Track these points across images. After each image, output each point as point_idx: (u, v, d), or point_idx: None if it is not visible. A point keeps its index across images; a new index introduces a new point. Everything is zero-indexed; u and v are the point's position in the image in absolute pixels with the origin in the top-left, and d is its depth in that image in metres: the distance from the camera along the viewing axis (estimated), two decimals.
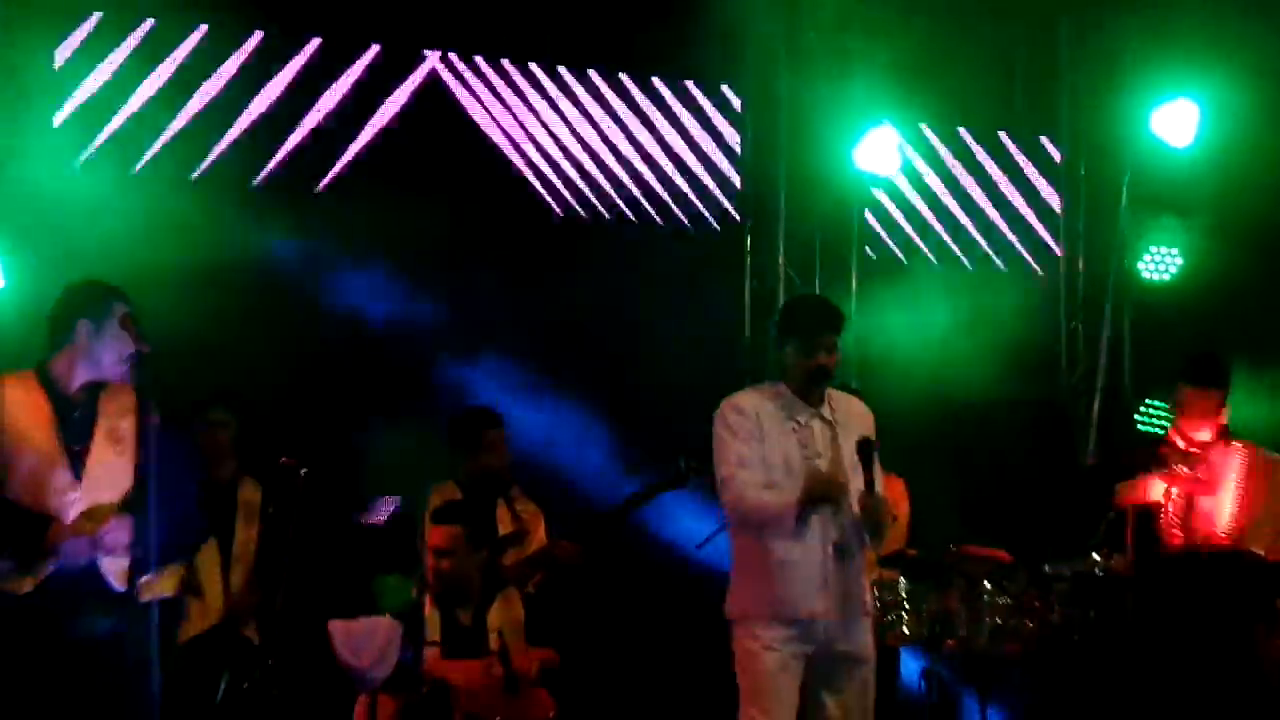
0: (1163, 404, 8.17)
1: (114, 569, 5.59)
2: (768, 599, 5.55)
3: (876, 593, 6.92)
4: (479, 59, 8.41)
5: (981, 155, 9.29)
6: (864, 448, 5.47)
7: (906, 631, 7.00)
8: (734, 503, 5.57)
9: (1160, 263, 9.16)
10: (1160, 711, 6.34)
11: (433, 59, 8.40)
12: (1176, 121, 8.83)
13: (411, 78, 8.32)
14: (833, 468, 5.52)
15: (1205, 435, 6.68)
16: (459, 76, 8.43)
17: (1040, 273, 9.36)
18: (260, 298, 7.80)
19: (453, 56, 8.39)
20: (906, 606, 6.99)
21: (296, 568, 6.85)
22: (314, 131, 8.23)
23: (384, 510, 7.56)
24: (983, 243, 9.11)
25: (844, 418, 5.65)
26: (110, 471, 5.63)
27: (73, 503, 5.60)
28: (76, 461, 5.64)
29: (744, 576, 5.66)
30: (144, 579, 5.46)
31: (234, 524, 7.04)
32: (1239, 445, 6.64)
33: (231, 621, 6.93)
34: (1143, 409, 8.83)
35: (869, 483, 5.46)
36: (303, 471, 6.67)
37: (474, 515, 6.64)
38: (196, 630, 6.87)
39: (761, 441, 5.57)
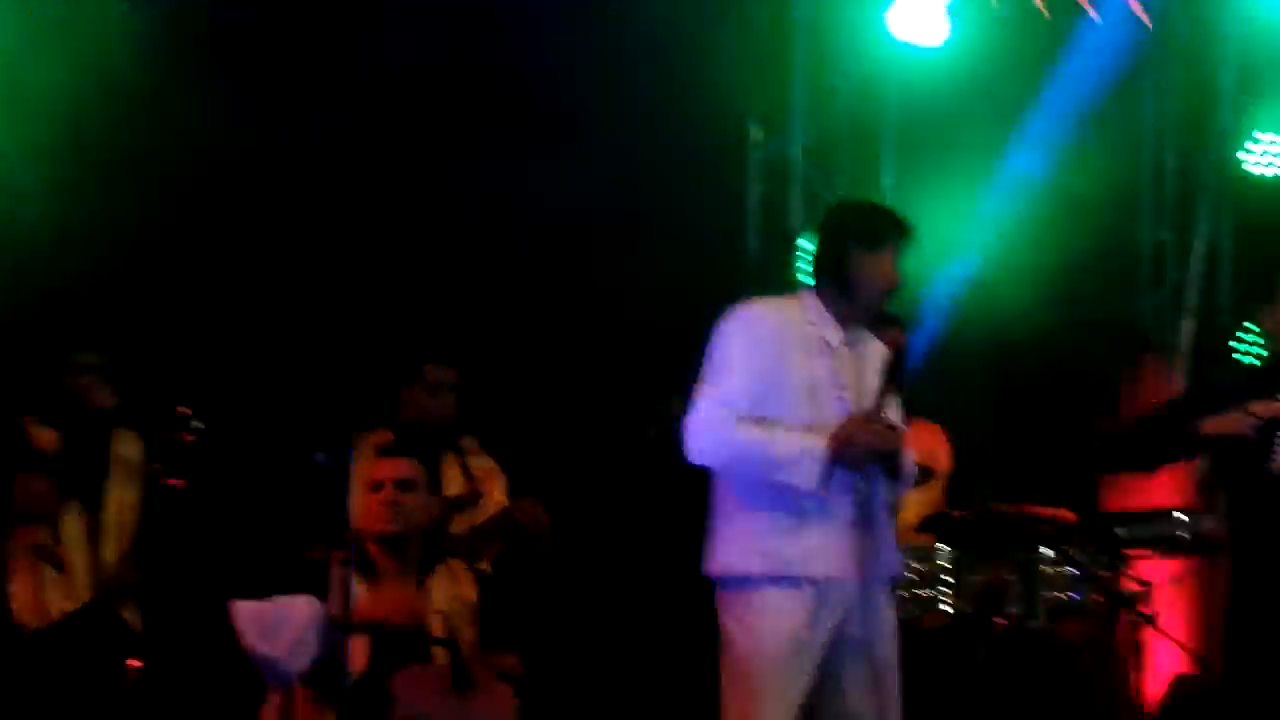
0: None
1: None
2: (780, 555, 5.31)
3: (912, 563, 6.96)
4: None
5: (1049, 17, 8.83)
6: (894, 361, 5.37)
7: (947, 609, 6.97)
8: (713, 439, 5.32)
9: (1270, 154, 8.99)
10: (1252, 690, 6.06)
11: None
12: None
13: None
14: (862, 400, 5.36)
15: None
16: None
17: (1120, 166, 9.09)
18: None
19: None
20: (947, 579, 6.99)
21: (190, 538, 6.83)
22: None
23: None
24: (1046, 129, 8.77)
25: (869, 346, 5.50)
26: None
27: None
28: None
29: (743, 523, 5.40)
30: None
31: (103, 484, 6.87)
32: None
33: (104, 601, 6.78)
34: (1243, 335, 8.70)
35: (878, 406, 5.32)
36: (194, 424, 6.67)
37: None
38: (58, 612, 6.72)
39: (777, 368, 5.37)
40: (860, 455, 5.28)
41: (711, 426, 5.33)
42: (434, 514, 6.37)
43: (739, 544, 5.37)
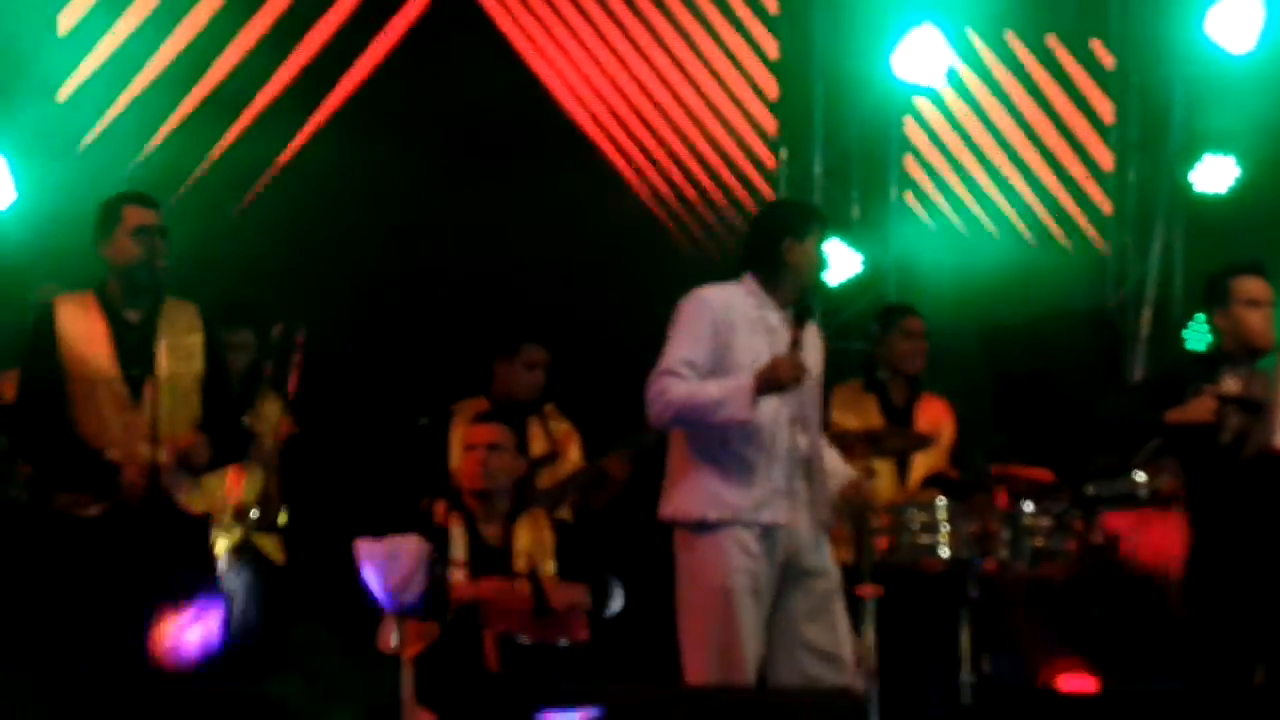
0: (1210, 319, 7.75)
1: (178, 488, 5.68)
2: (730, 503, 5.38)
3: (915, 513, 6.86)
4: None
5: (1030, 61, 9.17)
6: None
7: (945, 555, 6.84)
8: (662, 399, 5.33)
9: (1215, 174, 9.06)
10: (1208, 620, 6.08)
11: None
12: (1235, 22, 8.68)
13: None
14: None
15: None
16: None
17: (1092, 184, 9.31)
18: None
19: None
20: (945, 528, 6.83)
21: (320, 487, 7.02)
22: None
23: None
24: (1031, 153, 9.06)
25: (806, 325, 5.54)
26: (176, 390, 5.68)
27: (132, 427, 5.63)
28: (135, 385, 5.66)
29: (698, 475, 5.42)
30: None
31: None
32: None
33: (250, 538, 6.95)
34: (1192, 325, 8.86)
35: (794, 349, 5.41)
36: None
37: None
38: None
39: (728, 341, 5.41)
40: (780, 383, 5.28)
41: (660, 392, 5.33)
42: (519, 472, 6.41)
43: (694, 493, 5.38)
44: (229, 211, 7.77)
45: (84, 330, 5.67)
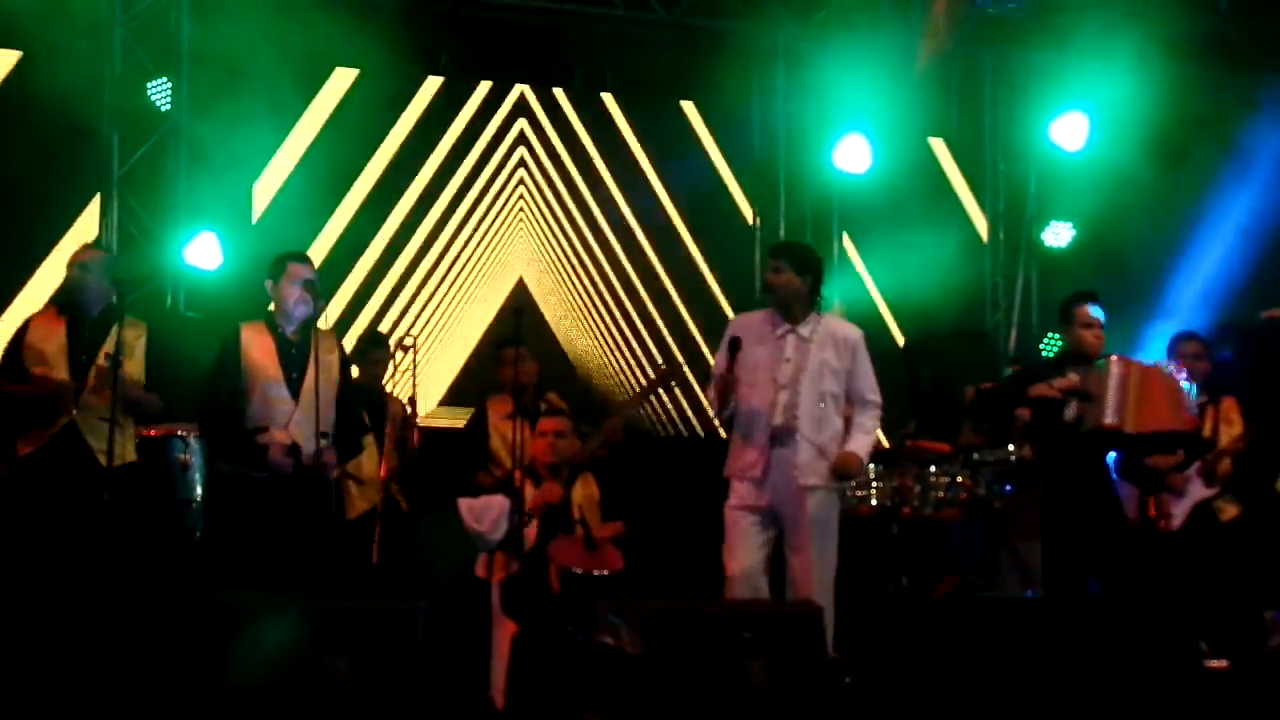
0: (1058, 336, 8.13)
1: (323, 462, 5.78)
2: (740, 462, 5.68)
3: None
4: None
5: (928, 156, 9.37)
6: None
7: (874, 503, 7.04)
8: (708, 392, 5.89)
9: (1059, 234, 9.28)
10: (1057, 550, 6.21)
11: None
12: (1069, 130, 8.98)
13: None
14: (796, 370, 5.68)
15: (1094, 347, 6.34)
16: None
17: (974, 242, 9.48)
18: None
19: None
20: (875, 485, 7.04)
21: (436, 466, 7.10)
22: None
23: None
24: (930, 219, 9.13)
25: (822, 336, 5.77)
26: (319, 393, 5.71)
27: (289, 414, 5.74)
28: (294, 386, 5.76)
29: (731, 445, 5.78)
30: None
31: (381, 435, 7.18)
32: (1114, 357, 6.30)
33: (389, 500, 7.04)
34: (1045, 340, 9.06)
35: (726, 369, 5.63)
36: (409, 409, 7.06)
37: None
38: (361, 509, 6.97)
39: (741, 347, 5.67)
40: (713, 399, 5.64)
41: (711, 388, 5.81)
42: (574, 450, 6.40)
43: (729, 456, 5.73)
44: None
45: (258, 346, 5.81)
